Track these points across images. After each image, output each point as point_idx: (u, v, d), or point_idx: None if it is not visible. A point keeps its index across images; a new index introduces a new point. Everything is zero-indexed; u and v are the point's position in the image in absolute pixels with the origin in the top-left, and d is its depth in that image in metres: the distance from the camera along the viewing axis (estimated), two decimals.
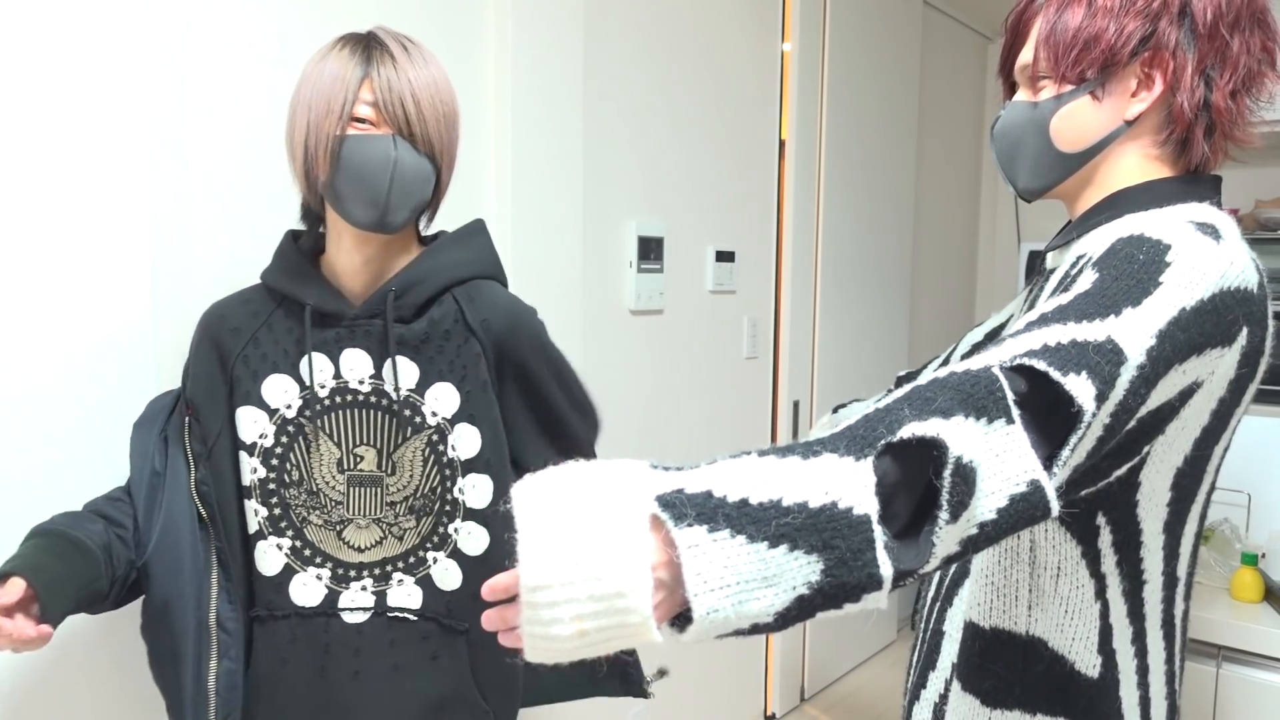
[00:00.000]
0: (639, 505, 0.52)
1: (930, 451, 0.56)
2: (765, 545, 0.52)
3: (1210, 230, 0.74)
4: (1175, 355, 0.67)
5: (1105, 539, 0.79)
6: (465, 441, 1.06)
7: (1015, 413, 0.59)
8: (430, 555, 1.07)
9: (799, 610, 0.54)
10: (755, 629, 0.54)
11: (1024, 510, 0.58)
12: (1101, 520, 0.79)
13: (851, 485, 0.54)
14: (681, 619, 0.54)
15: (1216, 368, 0.72)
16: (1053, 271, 0.90)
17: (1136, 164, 0.84)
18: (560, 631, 0.52)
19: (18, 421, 1.13)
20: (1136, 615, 0.82)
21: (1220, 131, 0.82)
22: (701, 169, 2.32)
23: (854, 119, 2.87)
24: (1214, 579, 2.00)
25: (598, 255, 2.04)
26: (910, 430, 0.56)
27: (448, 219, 1.69)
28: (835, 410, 1.44)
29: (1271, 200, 2.52)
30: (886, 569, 0.54)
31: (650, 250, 2.15)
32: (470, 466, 1.06)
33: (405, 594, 1.07)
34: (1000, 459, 0.58)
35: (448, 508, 1.07)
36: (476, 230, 1.15)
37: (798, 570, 0.53)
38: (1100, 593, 0.81)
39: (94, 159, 1.18)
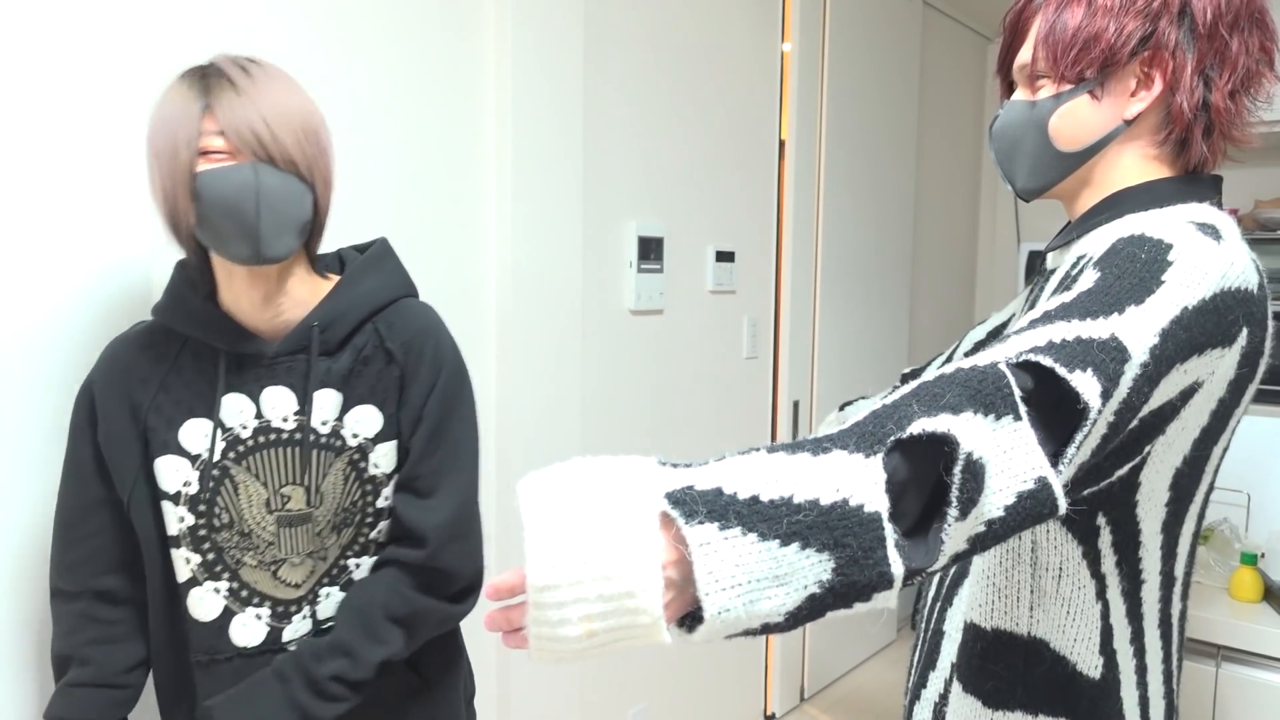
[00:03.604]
0: (649, 502, 0.51)
1: (940, 448, 0.55)
2: (777, 543, 0.51)
3: (1211, 230, 0.74)
4: (1177, 354, 0.67)
5: (1105, 539, 0.79)
6: (387, 459, 1.06)
7: (1023, 409, 0.58)
8: (352, 562, 1.08)
9: (810, 609, 0.53)
10: (766, 629, 0.53)
11: (1032, 508, 0.58)
12: (1101, 520, 0.79)
13: (862, 482, 0.53)
14: (691, 618, 0.53)
15: (1217, 368, 0.72)
16: (1053, 272, 0.89)
17: (1135, 164, 0.84)
18: (568, 632, 0.51)
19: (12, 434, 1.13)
20: (1135, 615, 0.82)
21: (1219, 132, 0.81)
22: (701, 169, 2.32)
23: (854, 119, 2.87)
24: (1214, 579, 2.00)
25: (598, 255, 2.04)
26: (920, 426, 0.55)
27: (448, 218, 1.69)
28: (841, 408, 1.44)
29: (1271, 200, 2.52)
30: (897, 567, 0.53)
31: (650, 250, 2.15)
32: (390, 479, 1.07)
33: (334, 603, 1.07)
34: (1008, 456, 0.57)
35: (369, 518, 1.07)
36: (384, 254, 1.12)
37: (809, 569, 0.52)
38: (1101, 593, 0.81)
39: (94, 175, 1.18)
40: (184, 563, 1.03)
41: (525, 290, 1.80)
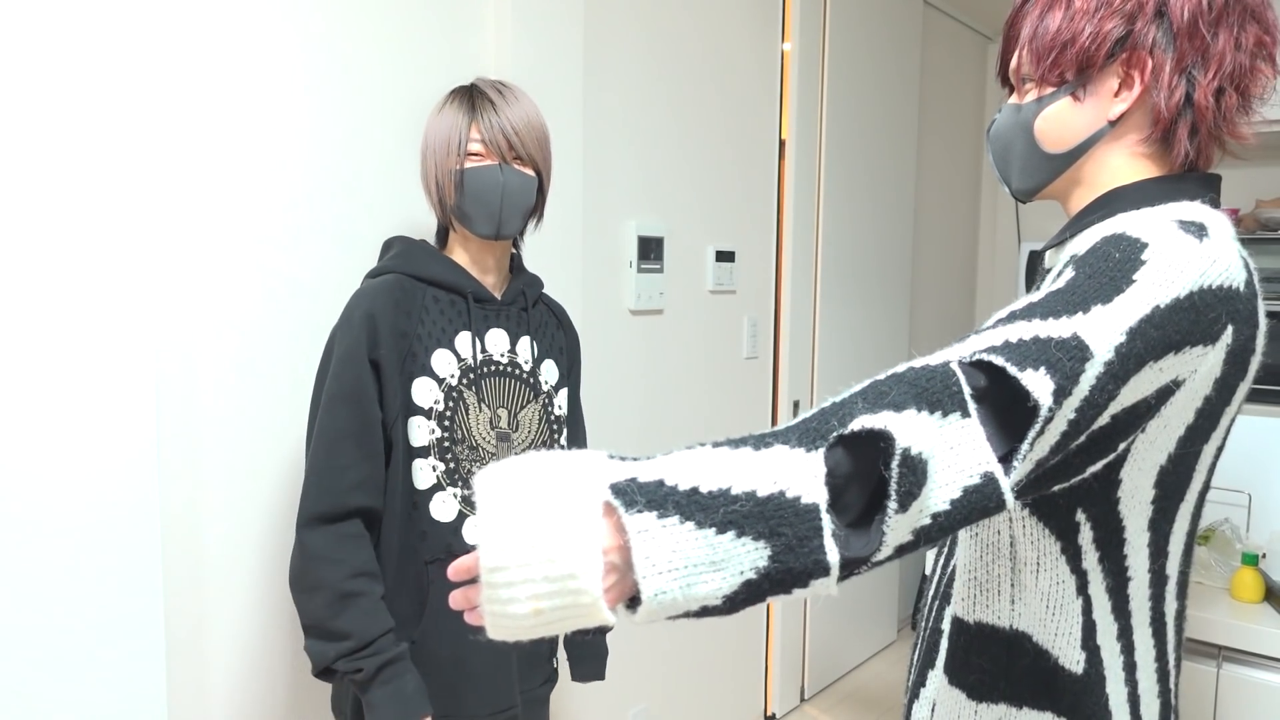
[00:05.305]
0: (593, 492, 0.54)
1: (879, 443, 0.57)
2: (713, 531, 0.54)
3: (1195, 228, 0.74)
4: (1149, 352, 0.67)
5: (1085, 535, 0.79)
6: (562, 403, 1.40)
7: (971, 406, 0.60)
8: None
9: (747, 594, 0.56)
10: (705, 611, 0.56)
11: (977, 502, 0.59)
12: (1081, 516, 0.79)
13: (800, 475, 0.55)
14: (635, 601, 0.56)
15: (1199, 366, 0.72)
16: (1049, 271, 0.90)
17: (1125, 163, 0.84)
18: (517, 610, 0.54)
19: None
20: (1122, 612, 0.82)
21: (1205, 129, 0.81)
22: (701, 169, 2.32)
23: (854, 119, 2.87)
24: (1214, 579, 2.00)
25: (598, 255, 2.05)
26: (860, 423, 0.57)
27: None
28: None
29: (1272, 200, 2.52)
30: (833, 556, 0.55)
31: (650, 250, 2.16)
32: (564, 421, 1.41)
33: None
34: (955, 451, 0.59)
35: None
36: None
37: (745, 556, 0.55)
38: (1082, 588, 0.81)
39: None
40: (430, 470, 1.26)
41: None
